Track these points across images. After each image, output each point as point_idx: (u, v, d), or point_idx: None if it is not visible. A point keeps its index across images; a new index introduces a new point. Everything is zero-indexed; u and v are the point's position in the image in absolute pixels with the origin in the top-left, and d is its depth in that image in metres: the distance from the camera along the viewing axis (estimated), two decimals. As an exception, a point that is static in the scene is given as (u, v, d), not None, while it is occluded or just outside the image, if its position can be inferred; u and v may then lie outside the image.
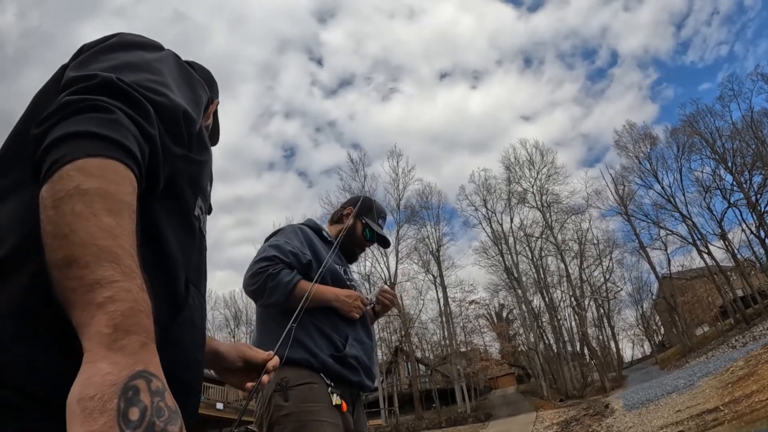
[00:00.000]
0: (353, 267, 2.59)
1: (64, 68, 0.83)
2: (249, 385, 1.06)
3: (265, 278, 1.98)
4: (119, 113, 0.64)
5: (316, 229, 2.33)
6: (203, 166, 0.93)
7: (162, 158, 0.72)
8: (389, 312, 2.56)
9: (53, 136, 0.59)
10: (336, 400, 1.90)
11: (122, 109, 0.65)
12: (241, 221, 76.09)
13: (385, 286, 2.39)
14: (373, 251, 37.93)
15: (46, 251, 0.54)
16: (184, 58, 1.32)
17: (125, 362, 0.49)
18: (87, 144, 0.58)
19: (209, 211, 1.05)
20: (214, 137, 1.41)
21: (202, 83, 0.97)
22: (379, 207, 2.50)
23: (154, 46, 0.92)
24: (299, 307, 1.59)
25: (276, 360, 1.10)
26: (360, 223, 2.38)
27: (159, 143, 0.70)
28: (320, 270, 1.97)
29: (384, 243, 2.45)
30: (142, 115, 0.68)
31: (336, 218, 2.46)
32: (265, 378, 1.06)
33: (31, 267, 0.60)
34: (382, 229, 2.46)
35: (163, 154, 0.73)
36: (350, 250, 2.38)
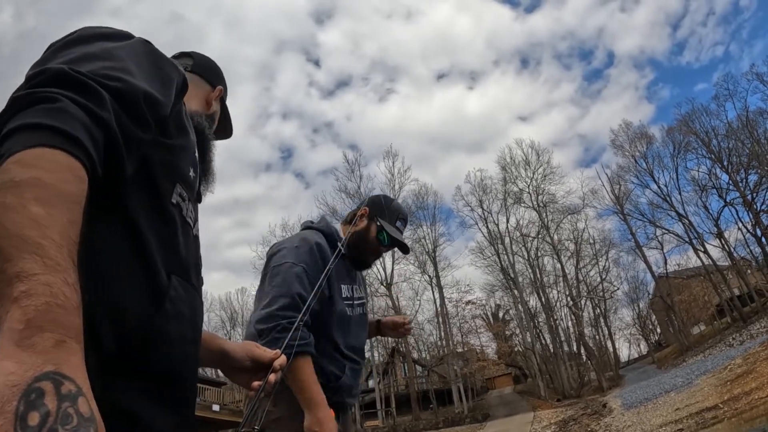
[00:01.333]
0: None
1: None
2: (255, 384, 1.04)
3: (275, 328, 1.73)
4: (65, 101, 0.61)
5: (332, 242, 2.03)
6: (181, 151, 0.88)
7: (124, 143, 0.70)
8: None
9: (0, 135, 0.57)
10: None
11: (70, 96, 0.62)
12: (238, 223, 76.03)
13: (407, 320, 2.32)
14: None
15: None
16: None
17: (32, 362, 0.44)
18: (27, 136, 0.56)
19: (198, 199, 1.00)
20: (224, 128, 1.36)
21: (174, 66, 0.91)
22: (398, 207, 2.20)
23: (119, 36, 0.87)
24: (307, 304, 1.53)
25: (283, 359, 1.10)
26: (374, 226, 2.09)
27: (115, 127, 0.68)
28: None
29: (403, 249, 2.17)
30: (93, 100, 0.65)
31: (349, 218, 2.20)
32: (272, 377, 1.04)
33: None
34: (401, 233, 2.17)
35: (128, 140, 0.71)
36: (362, 256, 2.12)
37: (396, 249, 2.18)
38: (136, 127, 0.74)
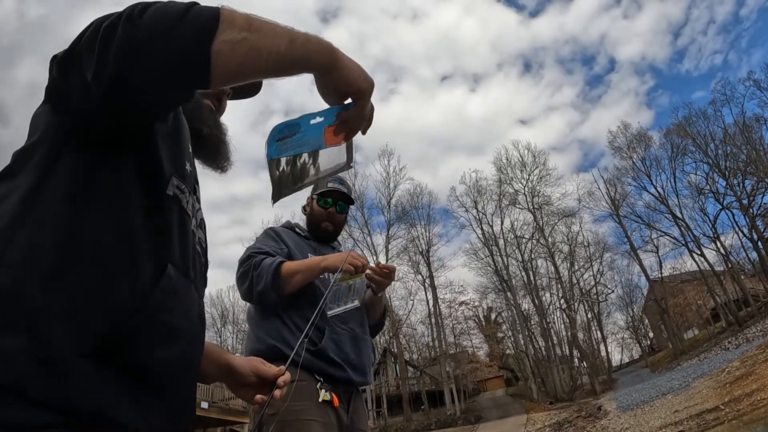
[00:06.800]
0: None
1: None
2: (258, 397, 1.10)
3: (248, 271, 2.03)
4: None
5: (290, 227, 2.41)
6: (174, 145, 0.89)
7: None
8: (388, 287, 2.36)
9: None
10: (324, 396, 1.90)
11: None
12: (235, 220, 75.23)
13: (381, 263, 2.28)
14: (362, 250, 37.42)
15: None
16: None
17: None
18: None
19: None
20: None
21: None
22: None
23: None
24: (320, 304, 1.64)
25: (287, 376, 1.14)
26: (313, 200, 2.38)
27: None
28: (330, 287, 1.90)
29: (346, 199, 2.38)
30: None
31: (303, 210, 2.52)
32: (276, 393, 1.09)
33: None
34: (337, 187, 2.39)
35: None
36: (319, 228, 2.37)
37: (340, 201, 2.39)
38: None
